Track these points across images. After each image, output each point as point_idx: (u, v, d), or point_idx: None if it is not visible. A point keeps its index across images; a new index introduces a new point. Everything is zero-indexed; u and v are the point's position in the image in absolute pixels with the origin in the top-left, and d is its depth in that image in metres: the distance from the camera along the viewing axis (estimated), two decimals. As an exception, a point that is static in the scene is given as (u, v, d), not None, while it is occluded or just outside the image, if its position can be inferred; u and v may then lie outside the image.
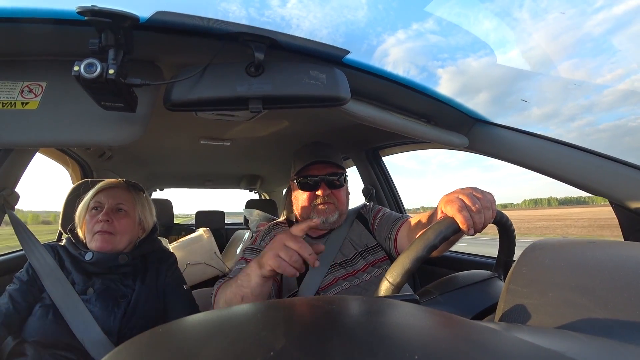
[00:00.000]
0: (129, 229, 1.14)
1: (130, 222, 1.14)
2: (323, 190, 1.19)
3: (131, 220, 1.15)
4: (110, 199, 1.13)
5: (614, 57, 1.09)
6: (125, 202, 1.15)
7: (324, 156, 1.22)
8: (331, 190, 1.21)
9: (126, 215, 1.14)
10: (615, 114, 44.19)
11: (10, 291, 1.01)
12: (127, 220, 1.14)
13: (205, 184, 3.59)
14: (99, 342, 0.97)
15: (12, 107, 0.70)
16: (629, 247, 0.56)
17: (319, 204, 1.20)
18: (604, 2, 1.09)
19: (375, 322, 0.32)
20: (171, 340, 0.30)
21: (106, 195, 1.14)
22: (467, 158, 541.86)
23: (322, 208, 1.20)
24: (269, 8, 0.86)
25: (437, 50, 1.12)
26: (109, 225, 1.09)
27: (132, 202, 1.17)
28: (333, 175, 1.22)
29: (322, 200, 1.20)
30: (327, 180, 1.21)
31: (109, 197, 1.13)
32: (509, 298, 0.48)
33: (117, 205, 1.13)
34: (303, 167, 1.21)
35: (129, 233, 1.14)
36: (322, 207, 1.20)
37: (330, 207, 1.21)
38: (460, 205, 0.71)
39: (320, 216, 1.19)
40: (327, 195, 1.20)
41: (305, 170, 1.21)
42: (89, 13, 0.55)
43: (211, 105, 0.73)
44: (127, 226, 1.13)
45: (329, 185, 1.21)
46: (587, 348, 0.31)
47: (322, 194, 1.19)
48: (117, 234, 1.10)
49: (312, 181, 1.21)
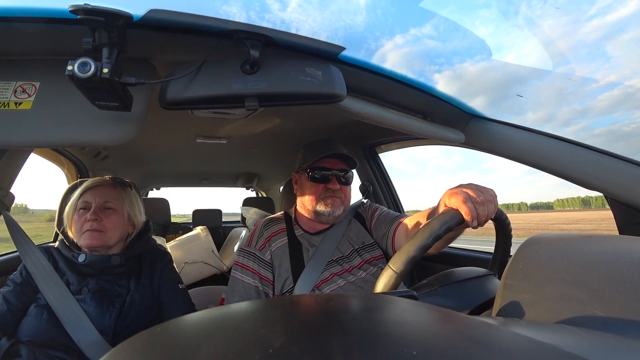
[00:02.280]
0: (118, 225, 1.13)
1: (119, 219, 1.14)
2: (334, 185, 1.22)
3: (120, 217, 1.14)
4: (97, 197, 1.12)
5: (607, 63, 1.11)
6: (113, 199, 1.15)
7: (339, 150, 1.25)
8: (340, 186, 1.24)
9: (114, 212, 1.13)
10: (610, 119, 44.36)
11: (4, 293, 1.00)
12: (116, 217, 1.13)
13: (202, 182, 3.58)
14: (94, 342, 0.96)
15: (5, 108, 0.69)
16: (625, 241, 0.56)
17: (328, 196, 1.22)
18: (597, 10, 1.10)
19: (373, 319, 0.33)
20: (169, 339, 0.30)
21: (93, 194, 1.13)
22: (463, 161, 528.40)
23: (330, 201, 1.22)
24: (269, 11, 0.86)
25: (434, 54, 1.14)
26: (98, 224, 1.09)
27: (120, 199, 1.16)
28: (344, 171, 1.25)
29: (332, 194, 1.22)
30: (338, 175, 1.24)
31: (95, 195, 1.13)
32: (505, 293, 0.48)
33: (105, 204, 1.13)
34: (317, 159, 1.22)
35: (118, 229, 1.14)
36: (330, 200, 1.22)
37: (337, 202, 1.23)
38: (464, 197, 0.72)
39: (327, 208, 1.21)
40: (337, 190, 1.23)
41: (318, 162, 1.23)
42: (81, 12, 0.55)
43: (207, 103, 0.73)
44: (116, 223, 1.13)
45: (339, 180, 1.24)
46: (584, 342, 0.32)
47: (333, 188, 1.22)
48: (107, 230, 1.10)
49: (324, 174, 1.23)
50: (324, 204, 1.22)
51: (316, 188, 1.23)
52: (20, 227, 1.15)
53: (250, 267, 1.19)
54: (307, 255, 1.21)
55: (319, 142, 1.31)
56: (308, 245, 1.23)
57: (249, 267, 1.19)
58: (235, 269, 1.22)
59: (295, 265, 1.19)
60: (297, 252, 1.22)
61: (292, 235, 1.27)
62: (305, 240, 1.25)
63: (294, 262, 1.19)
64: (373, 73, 0.97)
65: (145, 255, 1.20)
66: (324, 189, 1.23)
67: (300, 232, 1.28)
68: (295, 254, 1.21)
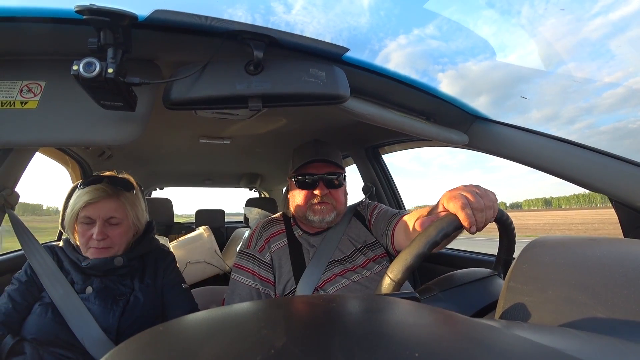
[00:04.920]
0: (124, 235, 1.12)
1: (124, 229, 1.12)
2: (321, 190, 1.18)
3: (125, 227, 1.12)
4: (102, 212, 1.07)
5: (612, 61, 1.10)
6: (117, 212, 1.10)
7: (324, 155, 1.21)
8: (329, 190, 1.20)
9: (119, 225, 1.10)
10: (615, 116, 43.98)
11: (9, 291, 1.01)
12: (121, 228, 1.11)
13: (205, 182, 3.59)
14: (97, 340, 0.97)
15: (11, 107, 0.69)
16: (629, 244, 0.56)
17: (316, 203, 1.19)
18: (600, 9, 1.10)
19: (375, 320, 0.33)
20: (172, 338, 0.30)
21: (96, 209, 1.07)
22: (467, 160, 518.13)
23: (319, 208, 1.18)
24: (274, 14, 0.87)
25: (437, 54, 1.14)
26: (105, 242, 1.07)
27: (123, 209, 1.12)
28: (332, 174, 1.20)
29: (320, 200, 1.18)
30: (325, 180, 1.19)
31: (99, 210, 1.07)
32: (509, 295, 0.48)
33: (109, 220, 1.08)
34: (302, 165, 1.19)
35: (125, 239, 1.12)
36: (319, 207, 1.18)
37: (328, 207, 1.19)
38: (463, 203, 0.70)
39: (316, 216, 1.18)
40: (325, 195, 1.19)
41: (303, 168, 1.20)
42: (87, 12, 0.55)
43: (211, 103, 0.73)
44: (122, 234, 1.11)
45: (327, 184, 1.20)
46: (587, 346, 0.32)
47: (320, 194, 1.18)
48: (114, 245, 1.09)
49: (310, 179, 1.19)
50: (312, 211, 1.19)
51: (304, 194, 1.20)
52: (25, 225, 1.15)
53: (250, 268, 1.18)
54: (307, 255, 1.20)
55: (306, 145, 1.27)
56: (308, 245, 1.23)
57: (249, 269, 1.18)
58: (235, 271, 1.21)
59: (296, 266, 1.18)
60: (298, 253, 1.21)
61: (291, 235, 1.26)
62: (304, 241, 1.24)
63: (294, 262, 1.19)
64: (377, 74, 0.97)
65: (149, 255, 1.20)
66: (311, 195, 1.19)
67: (300, 232, 1.27)
68: (295, 254, 1.21)
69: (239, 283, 1.17)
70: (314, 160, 1.19)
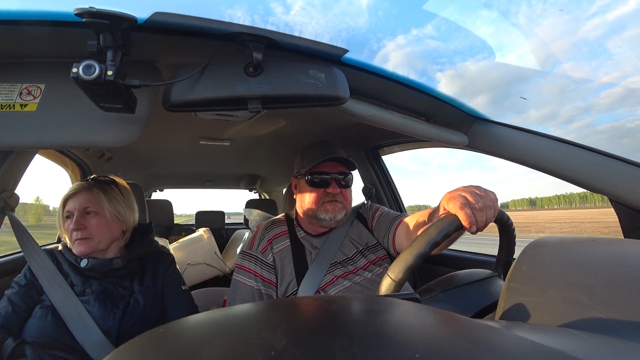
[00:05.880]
0: (102, 227, 1.11)
1: (101, 221, 1.12)
2: (333, 189, 1.21)
3: (102, 219, 1.12)
4: (77, 204, 1.10)
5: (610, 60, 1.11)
6: (91, 202, 1.12)
7: (338, 154, 1.24)
8: (340, 190, 1.23)
9: (95, 216, 1.11)
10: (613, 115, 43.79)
11: (9, 295, 1.01)
12: (98, 219, 1.11)
13: (205, 184, 3.59)
14: (98, 342, 0.97)
15: (11, 109, 0.69)
16: (629, 244, 0.56)
17: (328, 201, 1.21)
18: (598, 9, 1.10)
19: (376, 321, 0.33)
20: (172, 340, 0.30)
21: (73, 202, 1.11)
22: (467, 159, 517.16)
23: (331, 206, 1.21)
24: (273, 15, 0.88)
25: (436, 54, 1.14)
26: (82, 232, 1.08)
27: (99, 201, 1.13)
28: (343, 174, 1.24)
29: (332, 198, 1.21)
30: (337, 179, 1.22)
31: (75, 202, 1.11)
32: (509, 296, 0.48)
33: (85, 210, 1.11)
34: (316, 164, 1.21)
35: (104, 231, 1.12)
36: (331, 206, 1.21)
37: (338, 206, 1.22)
38: (462, 203, 0.71)
39: (328, 214, 1.20)
40: (337, 194, 1.21)
41: (316, 167, 1.22)
42: (86, 15, 0.55)
43: (210, 105, 0.73)
44: (100, 225, 1.11)
45: (338, 183, 1.22)
46: (588, 346, 0.32)
47: (333, 192, 1.21)
48: (93, 236, 1.09)
49: (324, 178, 1.21)
50: (324, 209, 1.21)
51: (316, 193, 1.22)
52: (25, 228, 1.15)
53: (252, 269, 1.19)
54: (310, 257, 1.21)
55: (317, 145, 1.30)
56: (310, 247, 1.23)
57: (251, 270, 1.19)
58: (237, 272, 1.22)
59: (298, 268, 1.18)
60: (300, 254, 1.22)
61: (294, 237, 1.26)
62: (307, 242, 1.24)
63: (297, 264, 1.19)
64: (376, 75, 0.97)
65: (148, 257, 1.20)
66: (324, 194, 1.21)
67: (303, 234, 1.27)
68: (298, 256, 1.21)
69: (240, 284, 1.18)
70: (328, 159, 1.21)
